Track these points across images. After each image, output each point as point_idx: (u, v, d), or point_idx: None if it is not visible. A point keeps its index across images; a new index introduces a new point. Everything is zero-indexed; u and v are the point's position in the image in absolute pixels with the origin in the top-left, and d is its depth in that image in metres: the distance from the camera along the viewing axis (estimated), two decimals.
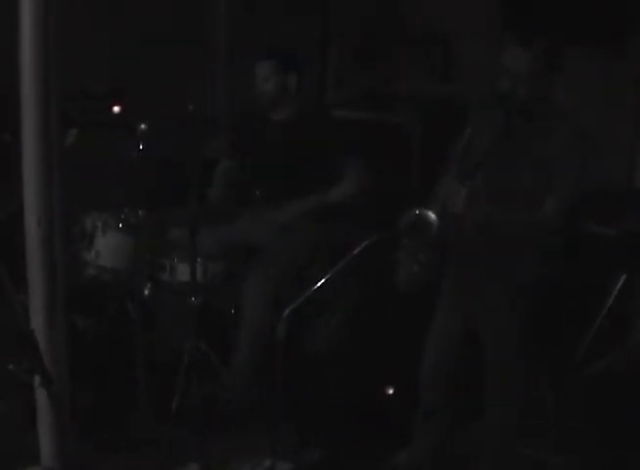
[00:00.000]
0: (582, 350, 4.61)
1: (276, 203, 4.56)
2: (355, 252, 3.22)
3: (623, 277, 4.56)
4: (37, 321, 2.86)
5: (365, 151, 4.59)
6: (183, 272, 4.32)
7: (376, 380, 4.48)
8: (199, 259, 4.22)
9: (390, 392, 4.38)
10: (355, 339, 4.75)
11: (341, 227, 4.57)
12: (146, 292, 4.32)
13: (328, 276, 3.19)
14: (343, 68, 6.73)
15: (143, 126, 4.06)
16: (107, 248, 4.32)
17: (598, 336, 4.53)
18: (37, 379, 2.78)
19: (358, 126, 5.80)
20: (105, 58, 5.16)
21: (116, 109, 4.30)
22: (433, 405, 3.90)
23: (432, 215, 3.32)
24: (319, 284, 3.18)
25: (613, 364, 4.50)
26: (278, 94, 4.52)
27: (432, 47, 6.51)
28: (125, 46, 5.21)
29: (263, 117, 4.63)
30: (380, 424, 4.22)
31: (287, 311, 3.10)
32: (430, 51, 6.52)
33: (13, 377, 3.45)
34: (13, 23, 2.69)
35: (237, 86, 5.62)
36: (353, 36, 6.66)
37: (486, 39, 6.01)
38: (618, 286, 4.56)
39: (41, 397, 2.91)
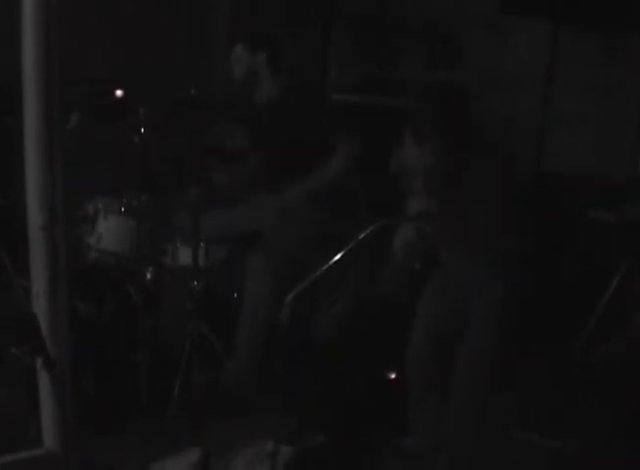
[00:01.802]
0: (584, 336, 4.61)
1: (276, 186, 4.55)
2: (360, 237, 3.22)
3: (626, 263, 4.56)
4: (39, 305, 2.86)
5: (355, 130, 4.59)
6: (185, 256, 4.32)
7: (378, 365, 4.48)
8: (201, 243, 4.22)
9: (393, 376, 4.39)
10: (358, 324, 4.75)
11: (343, 212, 4.57)
12: (148, 276, 4.32)
13: (332, 262, 3.19)
14: (345, 53, 6.71)
15: (144, 110, 4.05)
16: (109, 232, 4.32)
17: (600, 323, 4.54)
18: (39, 362, 2.78)
19: (358, 110, 5.80)
20: (106, 42, 5.15)
21: (118, 93, 4.28)
22: (422, 387, 3.91)
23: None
24: (322, 269, 3.18)
25: (614, 351, 4.51)
26: (249, 75, 4.51)
27: (432, 35, 6.49)
28: (126, 30, 5.20)
29: (249, 100, 4.63)
30: (382, 409, 4.23)
31: (290, 297, 3.09)
32: (430, 38, 6.50)
33: (15, 360, 3.45)
34: (14, 8, 2.69)
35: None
36: (355, 21, 6.64)
37: (487, 26, 6.02)
38: (620, 272, 4.56)
39: (43, 380, 2.91)
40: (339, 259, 3.19)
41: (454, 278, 3.76)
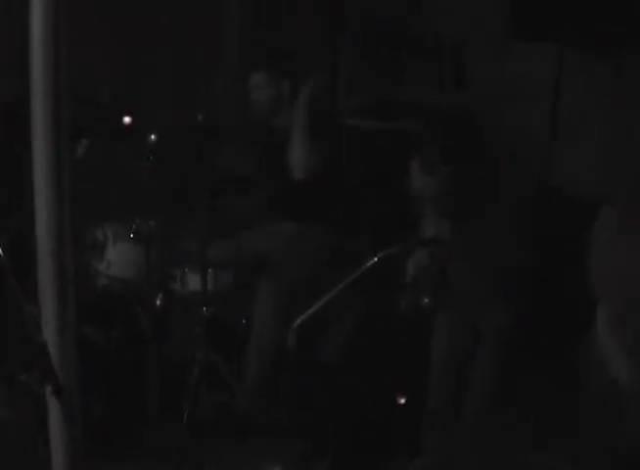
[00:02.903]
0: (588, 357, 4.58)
1: (285, 212, 4.57)
2: (368, 265, 3.21)
3: None
4: (48, 332, 2.85)
5: (370, 159, 4.61)
6: (194, 282, 4.32)
7: (386, 390, 4.47)
8: (209, 270, 4.23)
9: (401, 402, 4.37)
10: (366, 349, 4.74)
11: (351, 237, 4.57)
12: (157, 302, 4.32)
13: (339, 288, 3.19)
14: (355, 75, 6.73)
15: (153, 137, 4.07)
16: (118, 258, 4.33)
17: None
18: (49, 389, 2.78)
19: (366, 134, 5.81)
20: (115, 68, 5.18)
21: (127, 119, 4.30)
22: (438, 410, 3.90)
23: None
24: (331, 295, 3.18)
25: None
26: (272, 102, 4.52)
27: (443, 56, 6.50)
28: (135, 56, 5.23)
29: (264, 124, 4.64)
30: (390, 434, 4.21)
31: (297, 322, 3.09)
32: (441, 60, 6.52)
33: (25, 386, 3.46)
34: (24, 34, 2.70)
35: (244, 95, 5.65)
36: (365, 44, 6.67)
37: (497, 49, 6.02)
38: None
39: (52, 406, 2.91)
40: (348, 285, 3.19)
41: (465, 301, 3.75)
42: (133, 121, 4.33)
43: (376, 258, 3.21)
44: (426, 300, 3.69)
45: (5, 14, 4.31)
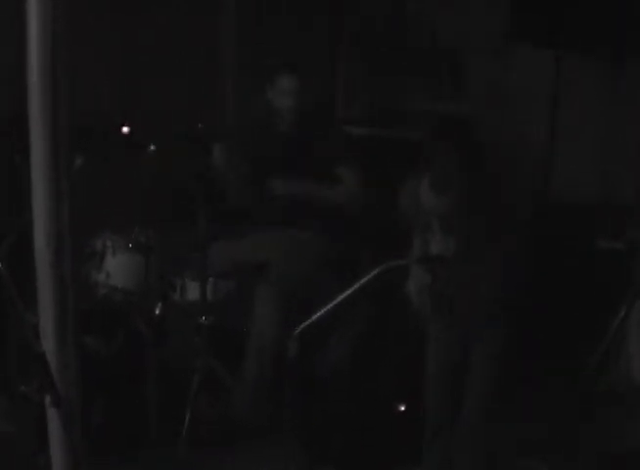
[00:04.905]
0: (591, 366, 4.59)
1: (284, 219, 4.58)
2: (368, 277, 3.21)
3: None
4: (48, 342, 2.86)
5: (369, 166, 4.62)
6: (193, 291, 4.33)
7: (387, 398, 4.47)
8: (209, 278, 4.23)
9: (402, 409, 4.38)
10: (366, 358, 4.74)
11: (351, 246, 4.58)
12: (157, 311, 4.32)
13: (340, 299, 3.19)
14: (353, 83, 6.74)
15: (152, 147, 4.08)
16: (117, 268, 4.33)
17: (607, 352, 4.52)
18: (48, 399, 2.78)
19: (365, 142, 5.81)
20: (113, 78, 5.19)
21: (125, 129, 4.31)
22: (439, 419, 3.91)
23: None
24: (332, 304, 3.18)
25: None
26: (296, 108, 4.54)
27: (442, 63, 6.51)
28: (134, 66, 5.24)
29: (269, 128, 4.66)
30: (391, 442, 4.21)
31: (298, 330, 3.10)
32: (440, 68, 6.53)
33: (24, 397, 3.46)
34: (21, 46, 2.71)
35: (246, 102, 5.65)
36: (363, 51, 6.68)
37: (497, 56, 6.03)
38: (629, 301, 4.54)
39: (52, 416, 2.91)
40: (347, 296, 3.19)
41: (465, 318, 3.75)
42: (132, 131, 4.34)
43: (376, 271, 3.20)
44: (425, 315, 3.69)
45: (3, 26, 4.31)
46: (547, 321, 4.62)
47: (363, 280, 3.20)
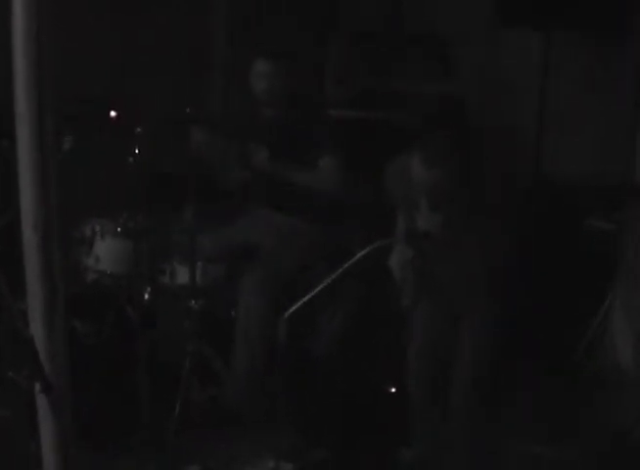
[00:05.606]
0: (581, 348, 4.61)
1: (270, 204, 4.57)
2: (357, 257, 3.21)
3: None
4: (36, 328, 2.84)
5: (358, 149, 4.61)
6: (183, 275, 4.32)
7: (378, 380, 4.48)
8: (198, 263, 4.22)
9: (393, 391, 4.38)
10: (357, 339, 4.74)
11: (340, 229, 4.57)
12: (146, 296, 4.31)
13: (329, 280, 3.19)
14: (342, 66, 6.72)
15: (139, 130, 4.06)
16: (106, 253, 4.32)
17: (597, 334, 4.54)
18: (37, 386, 2.77)
19: (354, 124, 5.80)
20: (100, 61, 5.16)
21: (113, 113, 4.29)
22: (421, 401, 3.92)
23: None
24: (321, 286, 3.18)
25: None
26: (270, 92, 4.52)
27: (430, 46, 6.49)
28: (120, 50, 5.21)
29: (257, 113, 4.64)
30: (383, 423, 4.22)
31: (288, 313, 3.09)
32: (427, 50, 6.51)
33: (13, 384, 3.44)
34: (6, 28, 2.69)
35: (233, 85, 5.63)
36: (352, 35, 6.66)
37: (484, 38, 6.02)
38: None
39: (42, 403, 2.90)
40: (336, 277, 3.19)
41: (449, 293, 3.76)
42: (119, 115, 4.32)
43: (365, 250, 3.21)
44: (409, 293, 3.70)
45: None
46: (534, 303, 4.62)
47: (352, 260, 3.21)
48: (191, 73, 5.69)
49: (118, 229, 4.32)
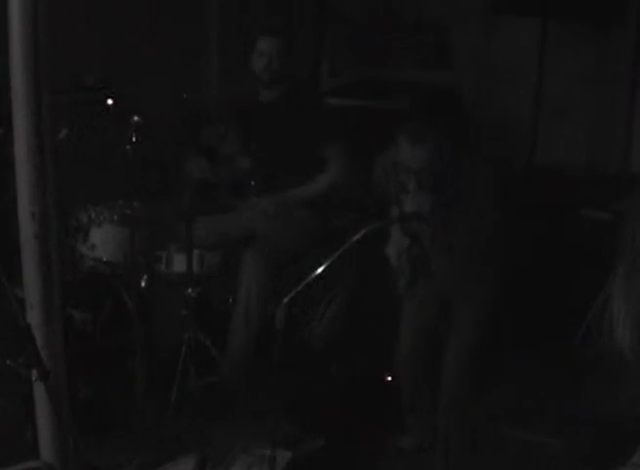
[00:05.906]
0: (579, 335, 4.62)
1: (268, 191, 4.57)
2: (353, 240, 3.22)
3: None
4: (33, 316, 2.85)
5: (354, 138, 4.60)
6: (179, 263, 4.31)
7: (374, 367, 4.48)
8: (195, 250, 4.22)
9: (389, 379, 4.39)
10: (353, 326, 4.75)
11: (336, 215, 4.57)
12: (142, 284, 4.31)
13: (326, 265, 3.19)
14: (338, 54, 6.71)
15: (136, 118, 4.05)
16: (102, 241, 4.31)
17: (594, 321, 4.55)
18: (35, 373, 2.77)
19: (351, 113, 5.80)
20: (96, 49, 5.14)
21: (110, 101, 4.28)
22: (413, 387, 3.93)
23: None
24: (316, 272, 3.18)
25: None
26: (272, 69, 4.50)
27: (424, 34, 6.49)
28: (117, 37, 5.20)
29: (254, 99, 4.63)
30: (379, 410, 4.23)
31: (285, 300, 3.09)
32: (422, 38, 6.50)
33: (11, 371, 3.44)
34: (2, 15, 2.68)
35: (229, 72, 5.62)
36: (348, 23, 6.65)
37: (478, 26, 6.01)
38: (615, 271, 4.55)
39: (39, 391, 2.91)
40: (332, 262, 3.20)
41: (441, 279, 3.76)
42: (116, 103, 4.31)
43: (360, 234, 3.21)
44: (405, 279, 3.71)
45: None
46: (532, 291, 4.64)
47: (345, 245, 3.22)
48: (189, 60, 5.68)
49: (115, 217, 4.31)
